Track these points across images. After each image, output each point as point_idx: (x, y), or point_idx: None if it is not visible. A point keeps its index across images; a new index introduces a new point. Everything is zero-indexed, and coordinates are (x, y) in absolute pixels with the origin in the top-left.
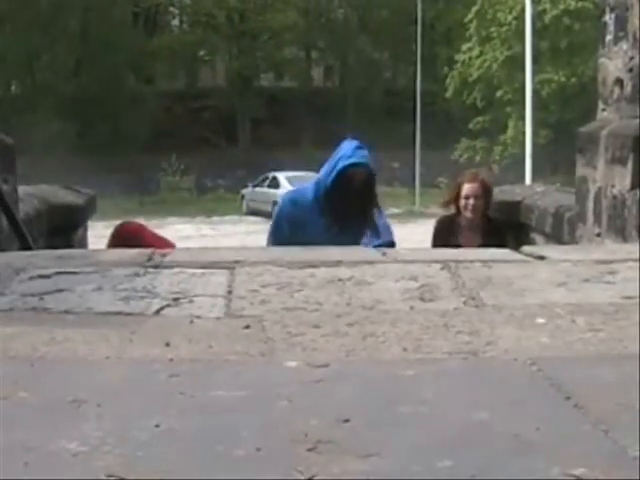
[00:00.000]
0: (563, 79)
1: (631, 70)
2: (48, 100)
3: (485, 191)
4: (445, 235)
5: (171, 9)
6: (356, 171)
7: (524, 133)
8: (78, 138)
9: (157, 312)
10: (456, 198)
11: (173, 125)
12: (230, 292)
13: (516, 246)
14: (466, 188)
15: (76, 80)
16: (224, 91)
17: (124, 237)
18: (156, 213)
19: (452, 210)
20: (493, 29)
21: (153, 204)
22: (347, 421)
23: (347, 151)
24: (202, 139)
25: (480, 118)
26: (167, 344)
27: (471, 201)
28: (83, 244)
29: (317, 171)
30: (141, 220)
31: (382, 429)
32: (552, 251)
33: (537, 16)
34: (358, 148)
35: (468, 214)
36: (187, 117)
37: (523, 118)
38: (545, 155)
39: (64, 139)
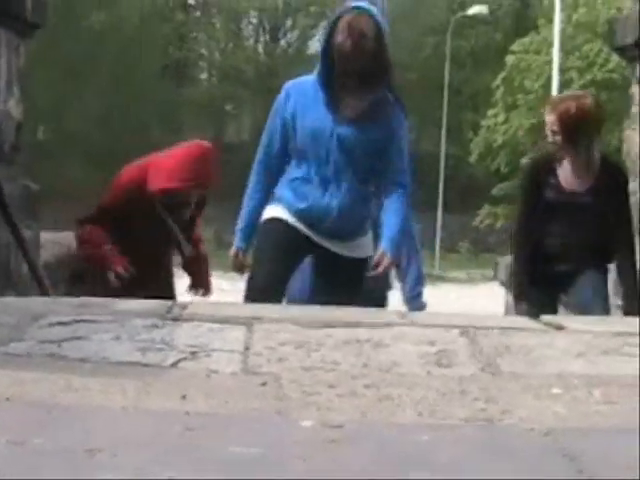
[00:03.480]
0: None
1: None
2: (75, 147)
3: (567, 125)
4: (540, 176)
5: (200, 63)
6: (354, 18)
7: None
8: (103, 186)
9: (174, 365)
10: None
11: None
12: (247, 348)
13: (534, 315)
14: (547, 120)
15: (104, 129)
16: (249, 145)
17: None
18: (174, 266)
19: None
20: (519, 96)
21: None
22: None
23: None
24: (224, 192)
25: (503, 184)
26: (183, 397)
27: (550, 137)
28: None
29: None
30: None
31: None
32: (571, 321)
33: (563, 85)
34: None
35: (557, 150)
36: None
37: None
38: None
39: (89, 186)
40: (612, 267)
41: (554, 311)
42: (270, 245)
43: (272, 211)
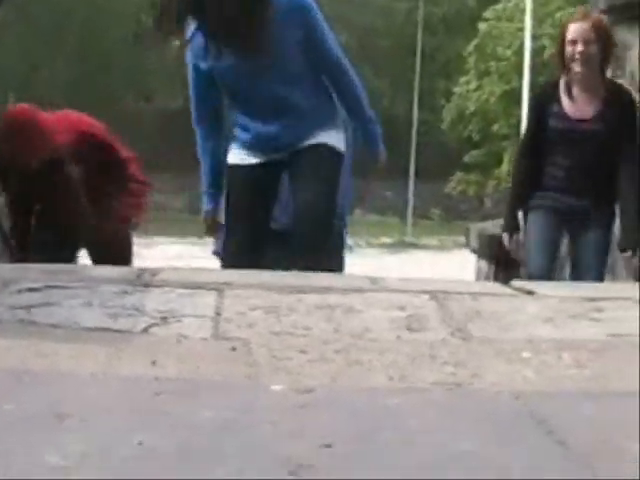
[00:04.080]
0: None
1: None
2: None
3: (600, 36)
4: (544, 105)
5: None
6: None
7: None
8: None
9: (145, 330)
10: (561, 47)
11: (168, 144)
12: (218, 314)
13: (506, 281)
14: (572, 30)
15: (73, 96)
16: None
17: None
18: (147, 231)
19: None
20: (492, 63)
21: (145, 222)
22: (329, 446)
23: None
24: (196, 159)
25: (475, 151)
26: (153, 362)
27: (579, 47)
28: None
29: None
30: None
31: (364, 455)
32: (541, 286)
33: (536, 52)
34: None
35: (577, 67)
36: (183, 136)
37: None
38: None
39: None
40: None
41: (557, 244)
42: (237, 206)
43: (232, 155)
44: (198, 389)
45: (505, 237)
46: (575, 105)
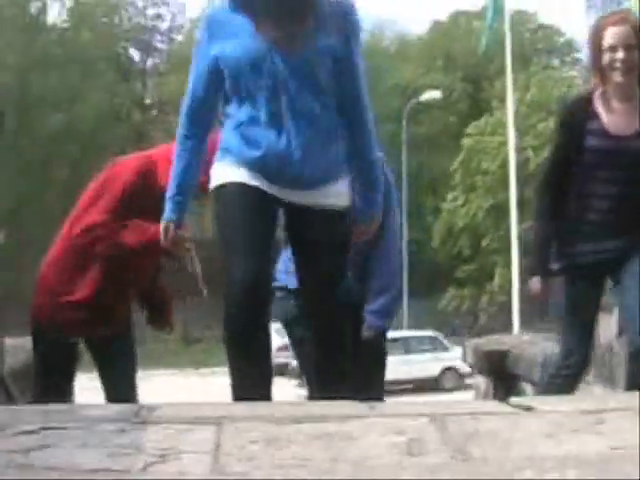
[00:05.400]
0: None
1: None
2: (36, 250)
3: None
4: (580, 121)
5: None
6: None
7: (511, 281)
8: None
9: (144, 469)
10: (597, 55)
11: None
12: (217, 448)
13: (505, 396)
14: (610, 35)
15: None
16: (211, 243)
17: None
18: (143, 364)
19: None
20: (478, 178)
21: (139, 355)
22: None
23: None
24: (187, 290)
25: (466, 267)
26: None
27: (620, 54)
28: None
29: None
30: None
31: None
32: (540, 402)
33: (521, 165)
34: None
35: (617, 76)
36: (172, 267)
37: (509, 266)
38: (533, 302)
39: None
40: None
41: (597, 306)
42: (237, 226)
43: (223, 171)
44: None
45: (534, 282)
46: (616, 120)
